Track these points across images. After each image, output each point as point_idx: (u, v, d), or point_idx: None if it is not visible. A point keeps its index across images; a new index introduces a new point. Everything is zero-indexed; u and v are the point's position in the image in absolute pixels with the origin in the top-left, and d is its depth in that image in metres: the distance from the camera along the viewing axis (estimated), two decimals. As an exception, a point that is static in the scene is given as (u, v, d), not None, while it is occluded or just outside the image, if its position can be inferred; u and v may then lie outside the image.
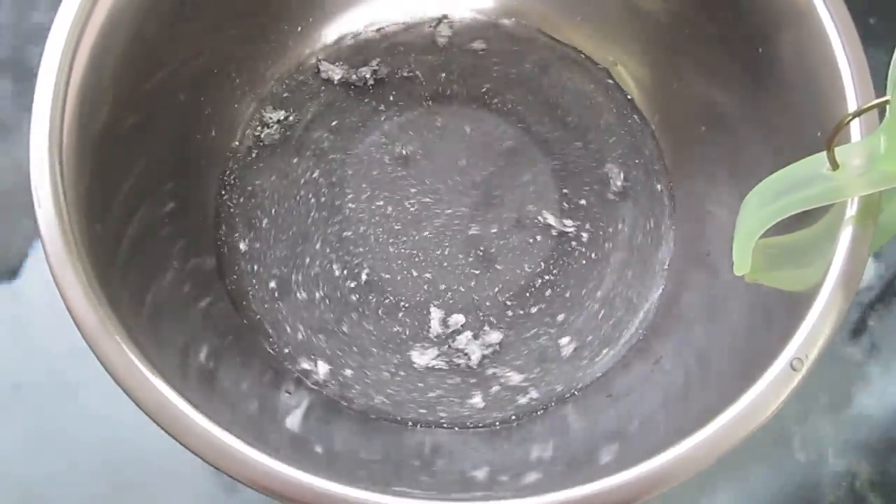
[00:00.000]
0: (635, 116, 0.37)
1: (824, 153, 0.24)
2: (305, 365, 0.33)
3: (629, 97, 0.38)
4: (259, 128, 0.37)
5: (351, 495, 0.23)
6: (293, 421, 0.30)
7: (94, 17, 0.28)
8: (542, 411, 0.33)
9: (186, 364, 0.28)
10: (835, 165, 0.24)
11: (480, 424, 0.32)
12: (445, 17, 0.39)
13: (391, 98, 0.38)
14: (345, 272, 0.35)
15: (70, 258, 0.25)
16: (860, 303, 0.40)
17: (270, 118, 0.37)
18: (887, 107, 0.23)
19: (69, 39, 0.27)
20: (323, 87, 0.38)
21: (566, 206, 0.36)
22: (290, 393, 0.32)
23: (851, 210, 0.26)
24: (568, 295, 0.35)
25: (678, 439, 0.24)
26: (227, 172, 0.36)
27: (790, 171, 0.26)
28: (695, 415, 0.25)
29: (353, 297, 0.34)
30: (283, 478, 0.23)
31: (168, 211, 0.32)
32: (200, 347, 0.30)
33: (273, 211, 0.36)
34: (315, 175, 0.36)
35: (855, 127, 0.26)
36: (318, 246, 0.35)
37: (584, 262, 0.35)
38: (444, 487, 0.28)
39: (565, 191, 0.36)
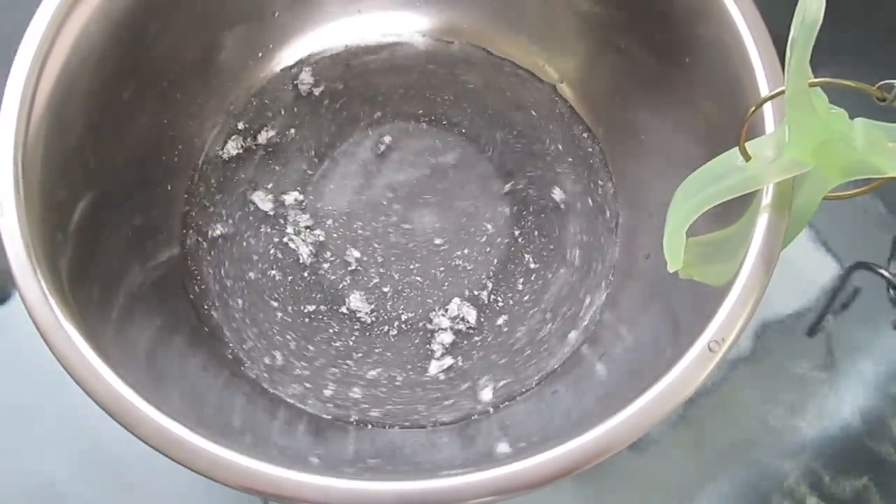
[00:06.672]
0: (581, 129, 0.39)
1: (742, 147, 0.26)
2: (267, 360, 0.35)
3: (574, 111, 0.39)
4: (222, 147, 0.38)
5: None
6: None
7: (62, 38, 0.30)
8: (493, 410, 0.34)
9: (153, 366, 0.30)
10: (747, 157, 0.26)
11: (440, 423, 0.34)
12: (395, 40, 0.41)
13: (346, 118, 0.39)
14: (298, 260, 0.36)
15: (30, 261, 0.26)
16: (816, 307, 0.40)
17: (233, 138, 0.39)
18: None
19: (36, 56, 0.29)
20: (282, 109, 0.39)
21: (514, 218, 0.38)
22: (247, 394, 0.33)
23: (767, 199, 0.27)
24: (514, 304, 0.36)
25: (608, 417, 0.25)
26: (192, 191, 0.38)
27: (710, 166, 0.27)
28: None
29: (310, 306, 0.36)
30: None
31: (132, 225, 0.34)
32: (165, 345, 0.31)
33: (232, 224, 0.37)
34: (276, 193, 0.38)
35: (770, 120, 0.28)
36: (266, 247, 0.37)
37: (530, 271, 0.37)
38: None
39: (514, 206, 0.38)
